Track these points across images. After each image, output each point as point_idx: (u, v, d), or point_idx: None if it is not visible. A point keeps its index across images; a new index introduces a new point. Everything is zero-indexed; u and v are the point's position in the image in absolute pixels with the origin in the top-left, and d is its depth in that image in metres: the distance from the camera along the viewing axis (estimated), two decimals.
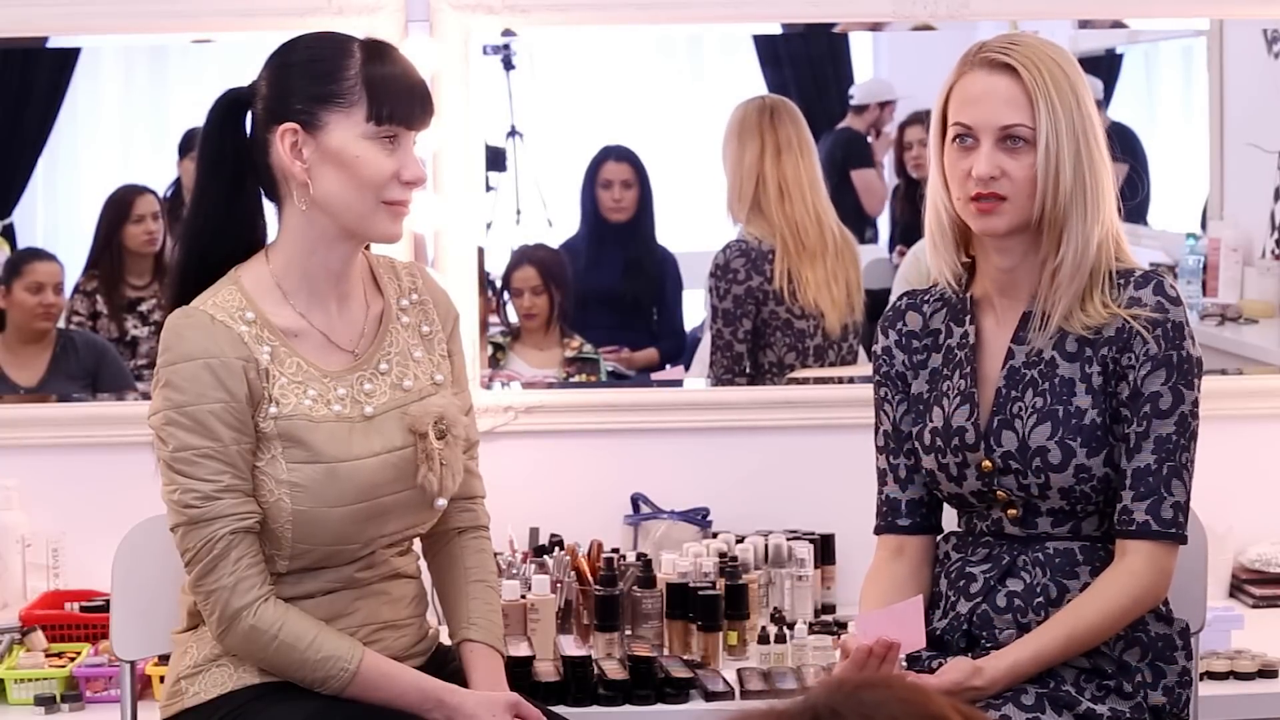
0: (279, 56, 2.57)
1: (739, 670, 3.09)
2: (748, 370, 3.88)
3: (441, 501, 2.61)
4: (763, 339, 3.89)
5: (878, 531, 2.70)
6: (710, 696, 2.99)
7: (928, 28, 3.67)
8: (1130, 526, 2.52)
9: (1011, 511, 2.57)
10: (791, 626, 3.21)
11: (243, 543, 2.48)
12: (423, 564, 2.75)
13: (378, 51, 2.54)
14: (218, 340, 2.49)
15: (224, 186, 2.58)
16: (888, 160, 4.27)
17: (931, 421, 2.61)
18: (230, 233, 2.59)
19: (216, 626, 2.51)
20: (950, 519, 2.71)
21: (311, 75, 2.52)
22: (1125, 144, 3.99)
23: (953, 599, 2.59)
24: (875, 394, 2.70)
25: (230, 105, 2.58)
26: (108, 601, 2.87)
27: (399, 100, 2.52)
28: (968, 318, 2.63)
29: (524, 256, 4.04)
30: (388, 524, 2.58)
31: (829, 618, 3.38)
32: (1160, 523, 2.51)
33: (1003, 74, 2.52)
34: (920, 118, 4.06)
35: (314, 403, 2.53)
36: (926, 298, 2.68)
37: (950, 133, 2.55)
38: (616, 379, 4.01)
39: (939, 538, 2.69)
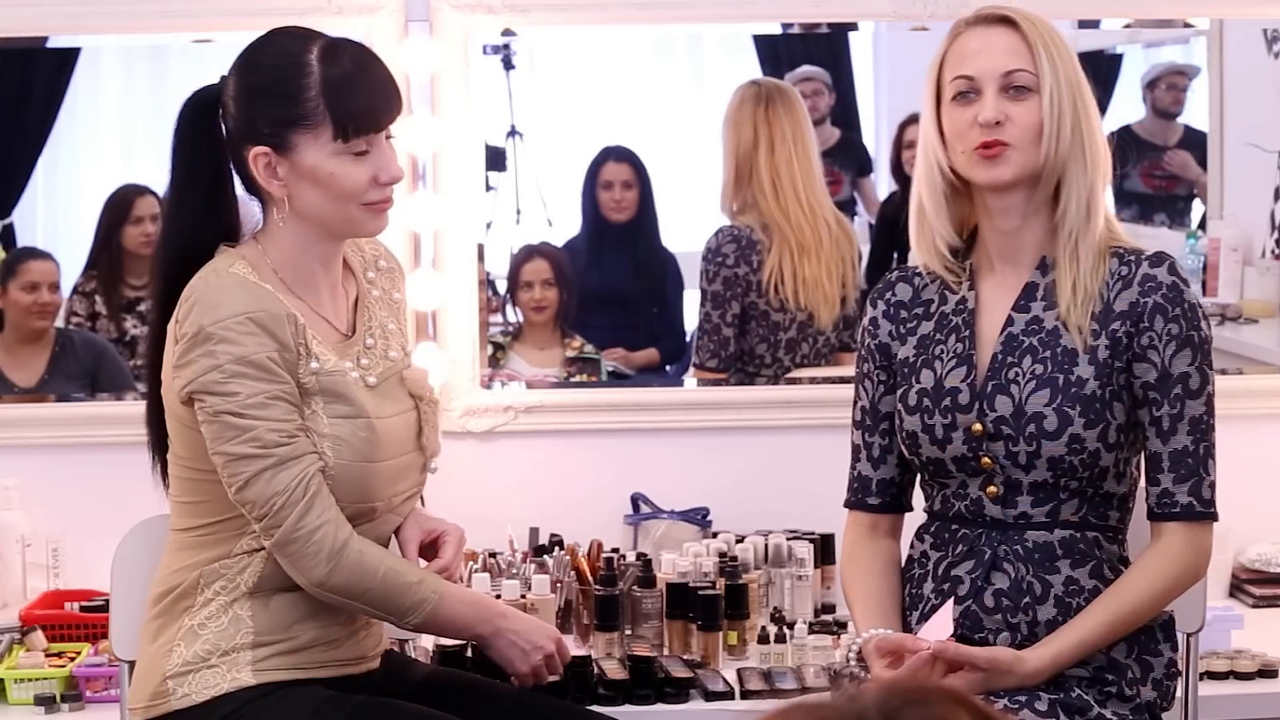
0: (241, 75, 2.56)
1: (739, 670, 3.09)
2: (731, 357, 3.86)
3: (434, 464, 2.69)
4: (741, 327, 3.88)
5: (848, 505, 2.72)
6: (710, 696, 2.99)
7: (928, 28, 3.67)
8: (1174, 509, 2.53)
9: (991, 489, 2.56)
10: (791, 626, 3.21)
11: (324, 482, 2.50)
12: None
13: (334, 59, 2.53)
14: (258, 296, 2.51)
15: (203, 186, 2.59)
16: (885, 163, 4.26)
17: (920, 383, 2.60)
18: (213, 232, 2.60)
19: (325, 564, 2.49)
20: (919, 506, 2.70)
21: (272, 99, 2.52)
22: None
23: (936, 603, 2.58)
24: (858, 369, 2.71)
25: (200, 106, 2.59)
26: (108, 601, 2.87)
27: (363, 111, 2.53)
28: (966, 284, 2.62)
29: (534, 250, 4.05)
30: (401, 483, 2.63)
31: (829, 617, 3.38)
32: (1202, 503, 2.53)
33: (1000, 27, 2.56)
34: (919, 118, 4.06)
35: (339, 363, 2.57)
36: (919, 271, 2.68)
37: (950, 90, 2.56)
38: (616, 379, 4.01)
39: (914, 536, 2.69)
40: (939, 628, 2.51)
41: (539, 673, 2.68)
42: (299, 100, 2.51)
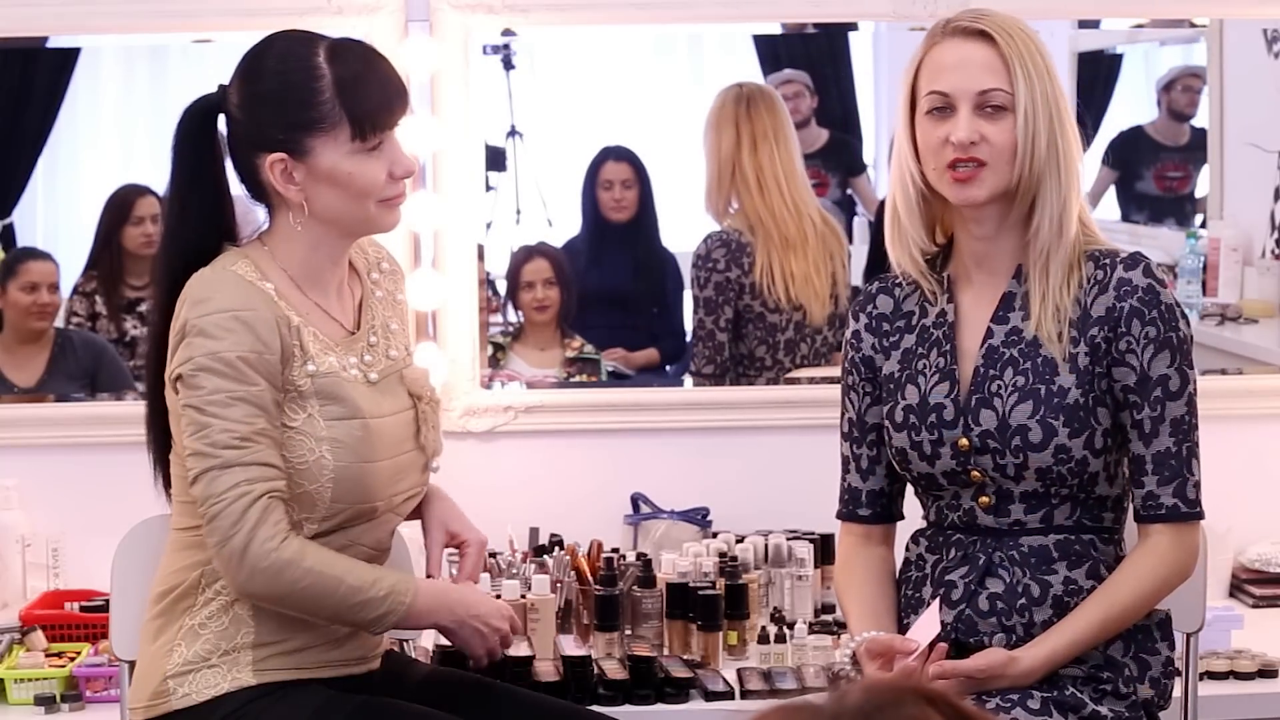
0: (247, 83, 2.55)
1: (739, 670, 3.09)
2: (727, 362, 3.87)
3: (436, 463, 2.68)
4: (737, 331, 3.88)
5: (840, 517, 2.72)
6: (710, 696, 2.99)
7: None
8: (1159, 511, 2.52)
9: (984, 499, 2.56)
10: (791, 626, 3.21)
11: (277, 510, 2.47)
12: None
13: (343, 59, 2.53)
14: (251, 296, 2.51)
15: (205, 195, 2.59)
16: (885, 163, 4.27)
17: (905, 399, 2.60)
18: (214, 240, 2.60)
19: (249, 567, 2.45)
20: (916, 510, 2.70)
21: (286, 105, 2.51)
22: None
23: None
24: (843, 380, 2.70)
25: (199, 116, 2.58)
26: (108, 601, 2.87)
27: (378, 109, 2.53)
28: (945, 296, 2.61)
29: (533, 250, 4.05)
30: (401, 482, 2.62)
31: (829, 618, 3.38)
32: (1187, 504, 2.53)
33: (978, 41, 2.52)
34: None
35: (338, 363, 2.57)
36: (899, 281, 2.67)
37: (925, 103, 2.53)
38: (617, 379, 4.01)
39: (909, 539, 2.68)
40: (926, 627, 2.51)
41: (493, 652, 2.67)
42: (313, 104, 2.51)
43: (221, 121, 2.58)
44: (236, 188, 2.62)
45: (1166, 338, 2.52)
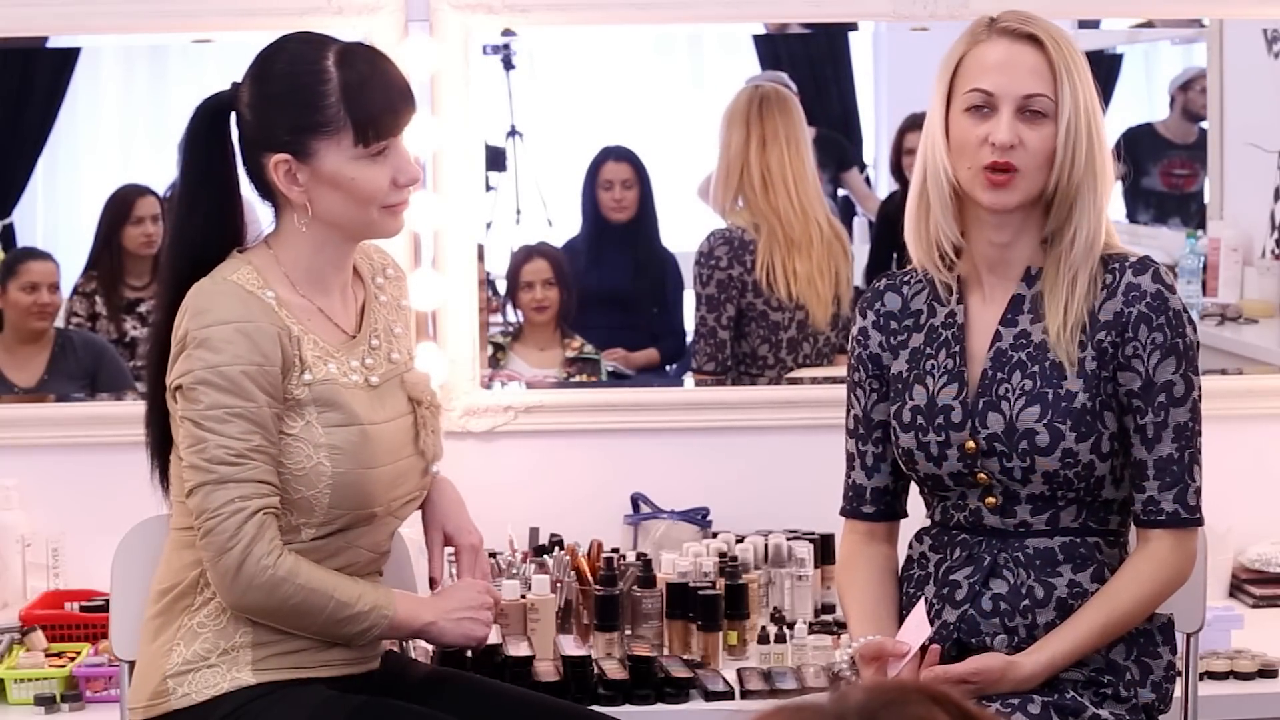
0: (257, 84, 2.56)
1: (739, 670, 3.10)
2: (729, 360, 3.87)
3: (435, 467, 2.69)
4: (739, 330, 3.88)
5: (843, 514, 2.71)
6: (710, 696, 2.99)
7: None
8: (1160, 516, 2.52)
9: (990, 500, 2.55)
10: (791, 626, 3.21)
11: (272, 527, 2.49)
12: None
13: (351, 64, 2.53)
14: (251, 308, 2.51)
15: (215, 194, 2.59)
16: (885, 163, 4.26)
17: (913, 399, 2.59)
18: (221, 239, 2.60)
19: (244, 582, 2.47)
20: (916, 507, 2.69)
21: (292, 106, 2.52)
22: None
23: (938, 606, 2.57)
24: (849, 377, 2.69)
25: (211, 114, 2.59)
26: (108, 601, 2.87)
27: (382, 116, 2.53)
28: (954, 297, 2.60)
29: (533, 250, 4.05)
30: (399, 487, 2.62)
31: (829, 618, 3.38)
32: (1187, 510, 2.52)
33: (1026, 44, 2.51)
34: (919, 121, 4.06)
35: (338, 370, 2.57)
36: (907, 279, 2.66)
37: (963, 100, 2.51)
38: (617, 379, 4.01)
39: (912, 537, 2.68)
40: (915, 629, 2.50)
41: (489, 625, 2.69)
42: (319, 107, 2.51)
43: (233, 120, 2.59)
44: (246, 189, 2.63)
45: (1173, 344, 2.51)
